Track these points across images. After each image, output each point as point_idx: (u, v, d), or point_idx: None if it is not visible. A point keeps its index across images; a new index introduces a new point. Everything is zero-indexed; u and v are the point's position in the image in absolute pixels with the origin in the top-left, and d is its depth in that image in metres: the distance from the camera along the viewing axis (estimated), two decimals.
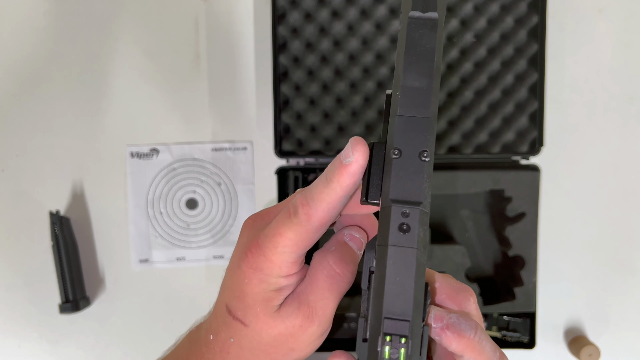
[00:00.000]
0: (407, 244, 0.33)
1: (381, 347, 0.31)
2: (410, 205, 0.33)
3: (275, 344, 0.41)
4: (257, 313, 0.40)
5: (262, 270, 0.39)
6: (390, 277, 0.32)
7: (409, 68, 0.35)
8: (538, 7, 0.75)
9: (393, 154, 0.34)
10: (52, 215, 0.78)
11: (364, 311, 0.36)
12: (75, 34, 0.81)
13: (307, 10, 0.76)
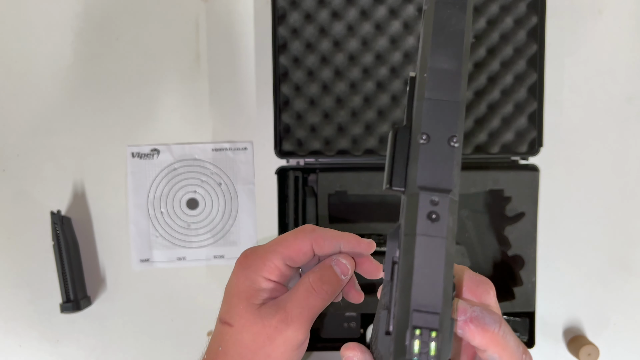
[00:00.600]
0: (437, 233, 0.31)
1: (410, 341, 0.30)
2: (440, 193, 0.31)
3: (254, 347, 0.44)
4: (240, 311, 0.44)
5: (250, 267, 0.44)
6: (419, 268, 0.31)
7: (437, 49, 0.33)
8: (537, 7, 0.76)
9: (420, 139, 0.32)
10: (53, 215, 0.78)
11: (386, 303, 0.35)
12: (76, 34, 0.81)
13: (307, 11, 0.77)
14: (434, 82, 0.33)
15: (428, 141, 0.32)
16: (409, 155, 0.33)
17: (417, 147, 0.32)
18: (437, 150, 0.32)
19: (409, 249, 0.31)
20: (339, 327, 0.77)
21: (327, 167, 0.78)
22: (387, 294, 0.35)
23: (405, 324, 0.30)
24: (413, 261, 0.31)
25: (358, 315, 0.77)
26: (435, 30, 0.34)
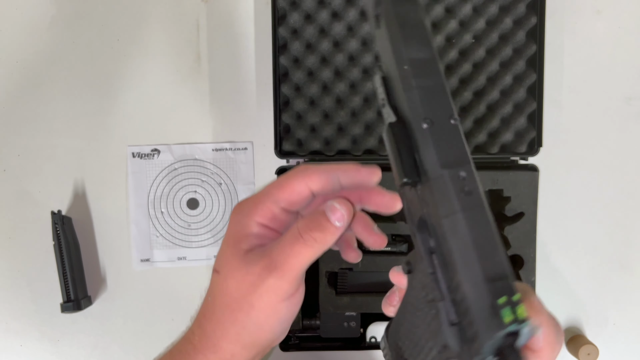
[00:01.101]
0: (476, 204, 0.32)
1: (499, 312, 0.29)
2: (463, 167, 0.32)
3: (237, 295, 0.42)
4: (227, 256, 0.42)
5: (242, 211, 0.42)
6: (476, 242, 0.31)
7: (409, 42, 0.35)
8: (537, 8, 0.76)
9: (424, 125, 0.34)
10: (53, 215, 0.78)
11: (436, 296, 0.34)
12: (77, 35, 0.82)
13: (307, 12, 0.77)
14: (416, 71, 0.35)
15: (432, 125, 0.33)
16: (414, 145, 0.34)
17: (424, 133, 0.33)
18: (443, 130, 0.33)
19: (456, 228, 0.31)
20: (339, 327, 0.77)
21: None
22: (434, 287, 0.34)
23: (486, 300, 0.29)
24: (468, 237, 0.31)
25: (358, 315, 0.77)
26: (401, 26, 0.35)
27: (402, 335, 0.40)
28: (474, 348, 0.30)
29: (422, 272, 0.36)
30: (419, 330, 0.37)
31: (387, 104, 0.37)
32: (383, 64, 0.37)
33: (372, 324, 0.79)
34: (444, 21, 0.77)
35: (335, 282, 0.77)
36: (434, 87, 0.34)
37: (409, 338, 0.39)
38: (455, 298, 0.32)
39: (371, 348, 0.78)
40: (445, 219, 0.32)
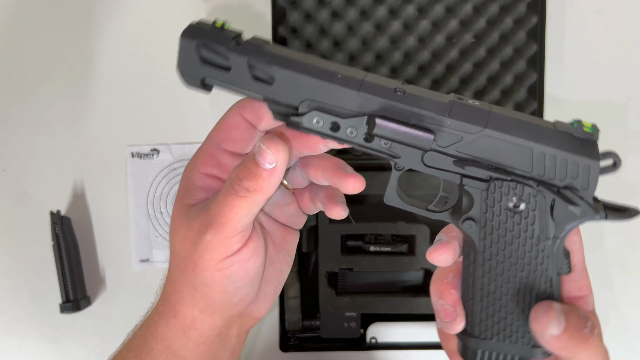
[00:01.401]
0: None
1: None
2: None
3: (183, 253, 0.40)
4: (174, 214, 0.41)
5: (189, 164, 0.41)
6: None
7: (314, 72, 0.38)
8: (537, 7, 0.76)
9: (398, 93, 0.39)
10: (52, 215, 0.78)
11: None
12: (76, 35, 0.81)
13: (307, 11, 0.77)
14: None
15: (403, 93, 0.39)
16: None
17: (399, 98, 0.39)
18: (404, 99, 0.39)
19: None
20: (339, 327, 0.77)
21: None
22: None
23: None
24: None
25: (358, 315, 0.77)
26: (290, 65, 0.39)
27: (484, 295, 0.40)
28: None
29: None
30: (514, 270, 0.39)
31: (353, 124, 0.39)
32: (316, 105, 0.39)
33: (373, 325, 0.79)
34: (444, 20, 0.76)
35: (335, 283, 0.77)
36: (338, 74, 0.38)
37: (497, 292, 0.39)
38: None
39: (371, 349, 0.78)
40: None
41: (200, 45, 0.39)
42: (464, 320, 0.40)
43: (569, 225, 0.38)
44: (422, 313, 0.77)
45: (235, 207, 0.38)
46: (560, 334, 0.36)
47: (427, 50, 0.77)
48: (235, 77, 0.39)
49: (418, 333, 0.79)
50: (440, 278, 0.42)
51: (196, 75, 0.39)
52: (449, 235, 0.41)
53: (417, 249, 0.75)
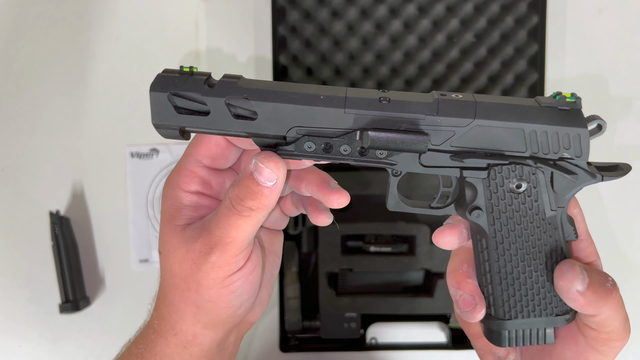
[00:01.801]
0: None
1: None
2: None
3: (183, 275, 0.40)
4: (165, 236, 0.40)
5: (169, 183, 0.40)
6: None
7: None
8: (538, 7, 0.75)
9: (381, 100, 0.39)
10: (52, 215, 0.78)
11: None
12: (76, 35, 0.81)
13: (307, 10, 0.76)
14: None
15: (388, 101, 0.39)
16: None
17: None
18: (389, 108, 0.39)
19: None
20: (339, 328, 0.77)
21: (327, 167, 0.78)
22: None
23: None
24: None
25: (358, 316, 0.77)
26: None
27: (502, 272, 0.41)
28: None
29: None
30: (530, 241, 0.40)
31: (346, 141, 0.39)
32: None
33: (373, 325, 0.78)
34: (445, 20, 0.76)
35: (335, 283, 0.77)
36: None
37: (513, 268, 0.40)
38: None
39: (372, 349, 0.78)
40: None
41: (173, 95, 0.38)
42: (484, 307, 0.41)
43: (569, 194, 0.40)
44: (422, 313, 0.76)
45: (240, 227, 0.38)
46: (585, 289, 0.37)
47: (427, 50, 0.77)
48: (216, 120, 0.38)
49: (418, 333, 0.79)
50: (455, 269, 0.42)
51: (173, 126, 0.39)
52: (454, 219, 0.42)
53: (417, 249, 0.75)
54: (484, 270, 0.41)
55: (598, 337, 0.39)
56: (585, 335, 0.40)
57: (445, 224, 0.42)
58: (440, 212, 0.42)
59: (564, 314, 0.41)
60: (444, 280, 0.75)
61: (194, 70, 0.39)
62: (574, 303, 0.38)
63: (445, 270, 0.75)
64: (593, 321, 0.39)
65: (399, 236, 0.76)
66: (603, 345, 0.39)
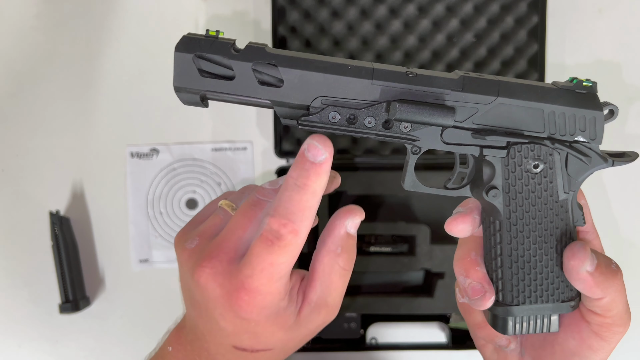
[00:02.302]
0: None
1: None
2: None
3: (299, 344, 0.42)
4: (280, 337, 0.40)
5: (266, 307, 0.38)
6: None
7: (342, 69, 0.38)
8: (538, 7, 0.75)
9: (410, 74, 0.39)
10: (52, 215, 0.78)
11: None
12: (75, 34, 0.81)
13: (307, 10, 0.76)
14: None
15: (415, 76, 0.39)
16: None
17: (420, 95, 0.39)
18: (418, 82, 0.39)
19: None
20: (339, 328, 0.77)
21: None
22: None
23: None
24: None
25: (358, 315, 0.77)
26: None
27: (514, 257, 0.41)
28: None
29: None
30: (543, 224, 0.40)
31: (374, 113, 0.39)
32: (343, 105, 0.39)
33: (373, 325, 0.78)
34: (445, 20, 0.76)
35: None
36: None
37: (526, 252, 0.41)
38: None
39: (372, 349, 0.78)
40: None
41: (198, 58, 0.38)
42: (493, 294, 0.41)
43: (582, 177, 0.40)
44: (422, 313, 0.76)
45: (344, 292, 0.42)
46: (594, 270, 0.38)
47: (427, 50, 0.77)
48: (240, 86, 0.38)
49: (418, 333, 0.78)
50: (462, 257, 0.42)
51: (195, 89, 0.38)
52: (466, 207, 0.42)
53: (417, 249, 0.75)
54: (494, 254, 0.41)
55: (603, 322, 0.40)
56: (590, 321, 0.40)
57: (455, 212, 0.42)
58: (455, 193, 0.42)
59: (569, 301, 0.41)
60: (444, 280, 0.75)
61: (221, 34, 0.38)
62: (583, 284, 0.38)
63: (445, 271, 0.75)
64: (598, 305, 0.39)
65: (399, 236, 0.76)
66: (607, 330, 0.40)
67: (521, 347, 0.45)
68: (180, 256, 0.41)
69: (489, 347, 0.46)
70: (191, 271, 0.39)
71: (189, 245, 0.40)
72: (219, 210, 0.43)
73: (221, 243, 0.39)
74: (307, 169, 0.37)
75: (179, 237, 0.42)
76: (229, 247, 0.38)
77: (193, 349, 0.42)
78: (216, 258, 0.38)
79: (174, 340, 0.43)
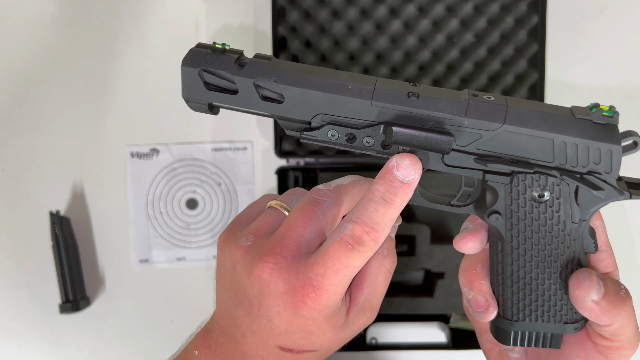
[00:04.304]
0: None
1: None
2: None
3: (339, 346, 0.43)
4: (329, 337, 0.41)
5: (329, 305, 0.39)
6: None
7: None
8: (538, 7, 0.75)
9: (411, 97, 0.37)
10: (52, 215, 0.78)
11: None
12: (76, 34, 0.81)
13: (307, 10, 0.76)
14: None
15: (416, 96, 0.38)
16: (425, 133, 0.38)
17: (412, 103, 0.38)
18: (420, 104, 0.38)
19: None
20: None
21: (327, 167, 0.78)
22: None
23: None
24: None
25: None
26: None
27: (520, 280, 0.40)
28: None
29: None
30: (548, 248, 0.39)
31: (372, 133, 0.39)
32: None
33: (373, 325, 0.78)
34: (445, 20, 0.76)
35: None
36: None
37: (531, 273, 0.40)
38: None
39: (372, 349, 0.78)
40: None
41: (203, 72, 0.38)
42: (496, 308, 0.41)
43: (594, 208, 0.39)
44: (422, 313, 0.76)
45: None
46: (600, 299, 0.37)
47: (427, 50, 0.77)
48: (243, 100, 0.38)
49: (418, 333, 0.78)
50: (468, 269, 0.42)
51: (202, 101, 0.39)
52: (475, 223, 0.41)
53: (417, 249, 0.75)
54: (497, 271, 0.41)
55: (610, 346, 0.39)
56: (597, 343, 0.40)
57: (464, 229, 0.42)
58: (459, 211, 0.41)
59: (573, 323, 0.40)
60: (444, 280, 0.75)
61: (227, 47, 0.39)
62: (589, 313, 0.38)
63: (445, 271, 0.75)
64: (607, 330, 0.38)
65: (399, 236, 0.76)
66: (614, 353, 0.39)
67: (526, 356, 0.45)
68: (233, 253, 0.41)
69: (495, 351, 0.46)
70: (250, 267, 0.39)
71: (244, 242, 0.41)
72: (270, 210, 0.43)
73: (282, 240, 0.39)
74: (395, 187, 0.38)
75: (227, 236, 0.42)
76: (292, 245, 0.39)
77: (224, 352, 0.42)
78: (280, 254, 0.39)
79: (201, 344, 0.43)
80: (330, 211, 0.40)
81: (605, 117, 0.37)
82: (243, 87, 0.38)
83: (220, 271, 0.43)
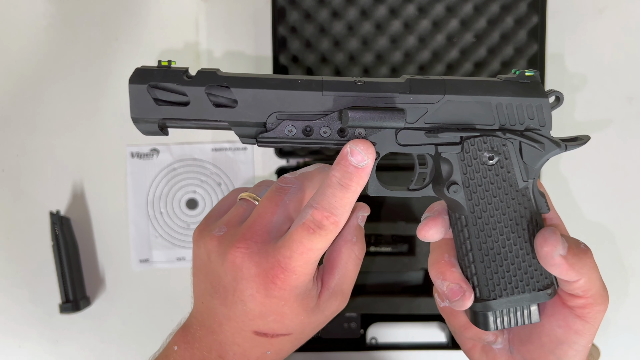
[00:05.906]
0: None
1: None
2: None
3: (314, 331, 0.44)
4: (302, 320, 0.43)
5: (298, 286, 0.41)
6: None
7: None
8: (538, 7, 0.75)
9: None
10: (52, 215, 0.78)
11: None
12: (76, 34, 0.81)
13: (307, 10, 0.76)
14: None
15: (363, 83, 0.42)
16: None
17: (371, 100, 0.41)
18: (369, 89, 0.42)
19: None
20: (339, 328, 0.77)
21: None
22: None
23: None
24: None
25: (358, 315, 0.77)
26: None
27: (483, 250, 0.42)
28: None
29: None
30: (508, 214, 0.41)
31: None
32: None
33: (373, 325, 0.78)
34: (444, 20, 0.76)
35: None
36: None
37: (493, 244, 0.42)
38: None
39: (372, 349, 0.78)
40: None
41: (152, 87, 0.39)
42: (472, 292, 0.42)
43: (538, 164, 0.42)
44: (422, 313, 0.76)
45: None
46: (567, 253, 0.39)
47: (427, 50, 0.77)
48: (196, 110, 0.40)
49: (418, 333, 0.79)
50: (437, 261, 0.43)
51: (152, 119, 0.40)
52: (433, 211, 0.44)
53: (417, 249, 0.75)
54: (465, 250, 0.42)
55: (584, 304, 0.41)
56: (572, 305, 0.41)
57: (424, 218, 0.44)
58: (418, 194, 0.43)
59: (545, 289, 0.42)
60: None
61: (172, 63, 0.40)
62: (558, 268, 0.39)
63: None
64: (577, 287, 0.40)
65: (399, 236, 0.76)
66: (590, 310, 0.41)
67: (509, 345, 0.46)
68: (207, 244, 0.43)
69: (477, 348, 0.47)
70: (223, 254, 0.41)
71: (217, 233, 0.43)
72: (241, 202, 0.46)
73: (252, 226, 0.42)
74: (350, 172, 0.40)
75: (202, 229, 0.45)
76: (261, 230, 0.42)
77: (202, 346, 0.43)
78: (250, 239, 0.41)
79: (180, 340, 0.45)
80: (295, 196, 0.43)
81: (528, 76, 0.42)
82: (194, 96, 0.39)
83: (196, 265, 0.45)
